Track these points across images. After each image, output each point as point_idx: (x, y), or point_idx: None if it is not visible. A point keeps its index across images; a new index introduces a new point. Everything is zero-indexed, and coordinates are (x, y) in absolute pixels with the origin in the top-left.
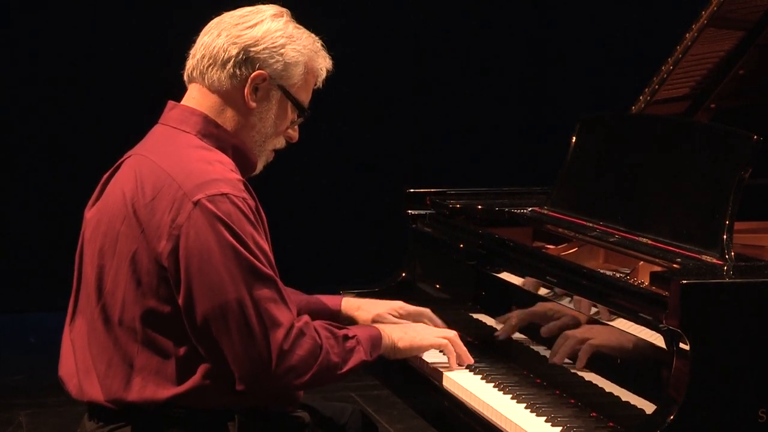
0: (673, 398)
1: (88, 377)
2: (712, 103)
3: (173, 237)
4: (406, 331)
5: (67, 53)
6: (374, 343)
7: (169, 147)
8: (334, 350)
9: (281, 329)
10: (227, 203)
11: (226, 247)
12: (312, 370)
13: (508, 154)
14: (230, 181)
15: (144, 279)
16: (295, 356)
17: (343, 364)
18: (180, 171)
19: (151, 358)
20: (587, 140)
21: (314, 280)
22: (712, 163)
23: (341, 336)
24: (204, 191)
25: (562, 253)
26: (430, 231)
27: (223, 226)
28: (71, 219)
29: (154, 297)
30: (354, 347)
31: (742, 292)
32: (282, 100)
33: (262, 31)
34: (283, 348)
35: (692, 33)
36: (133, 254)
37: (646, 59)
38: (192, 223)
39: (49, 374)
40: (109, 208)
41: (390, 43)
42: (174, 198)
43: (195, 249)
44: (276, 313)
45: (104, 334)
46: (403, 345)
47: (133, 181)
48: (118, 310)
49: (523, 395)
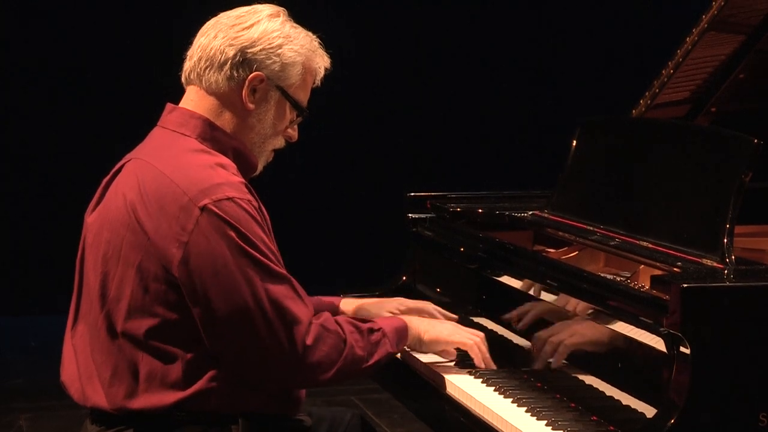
0: (673, 402)
1: (91, 383)
2: (713, 106)
3: (182, 244)
4: (433, 325)
5: (67, 58)
6: (400, 334)
7: (170, 151)
8: (359, 344)
9: (302, 325)
10: (234, 207)
11: (237, 250)
12: (337, 364)
13: (509, 157)
14: (234, 184)
15: (152, 286)
16: (319, 351)
17: (369, 357)
18: (183, 177)
19: (156, 366)
20: (588, 144)
21: (314, 283)
22: (713, 167)
23: (366, 329)
24: (209, 196)
25: (563, 257)
26: (430, 235)
27: (233, 230)
28: (72, 222)
29: (162, 304)
30: (380, 339)
31: (742, 296)
32: (280, 101)
33: (258, 31)
34: (306, 343)
35: (693, 37)
36: (140, 262)
37: (647, 63)
38: (200, 229)
39: (50, 378)
40: (112, 214)
41: (390, 46)
42: (179, 205)
43: (207, 256)
44: (295, 310)
45: (108, 342)
46: (429, 338)
47: (136, 188)
48: (122, 317)
49: (524, 399)
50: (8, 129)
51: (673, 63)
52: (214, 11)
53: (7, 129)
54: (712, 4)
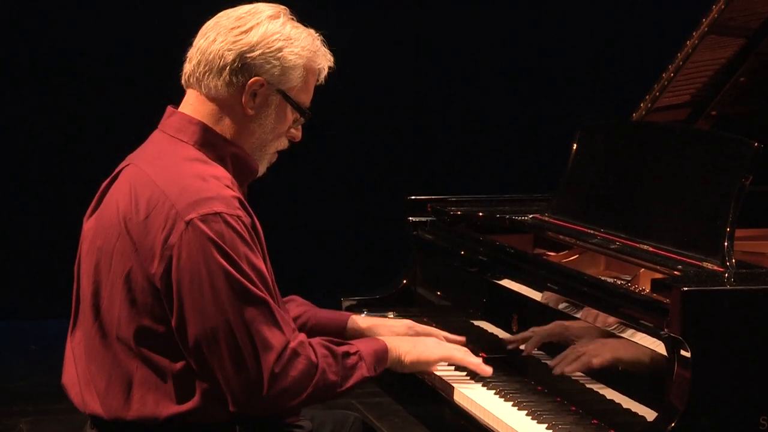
0: (674, 405)
1: (89, 391)
2: (713, 110)
3: (165, 257)
4: (414, 345)
5: (67, 60)
6: (379, 357)
7: (166, 159)
8: (331, 369)
9: (272, 352)
10: (220, 223)
11: (216, 269)
12: (307, 390)
13: (509, 161)
14: (224, 198)
15: (139, 298)
16: (288, 378)
17: (343, 381)
18: (174, 188)
19: (149, 375)
20: (588, 147)
21: (315, 287)
22: (713, 171)
23: (341, 353)
24: (197, 210)
25: (563, 261)
26: (431, 238)
27: (215, 248)
28: (72, 224)
29: (149, 316)
30: (355, 363)
31: (743, 300)
32: (281, 104)
33: (258, 35)
34: (274, 371)
35: (693, 40)
36: (128, 273)
37: (648, 66)
38: (184, 243)
39: (50, 381)
40: (105, 222)
41: (390, 51)
42: (167, 217)
43: (186, 271)
44: (268, 336)
45: (102, 352)
46: (410, 359)
47: (128, 196)
48: (114, 327)
49: (524, 402)
50: (8, 133)
51: (674, 66)
52: (219, 8)
53: (7, 133)
54: (713, 7)
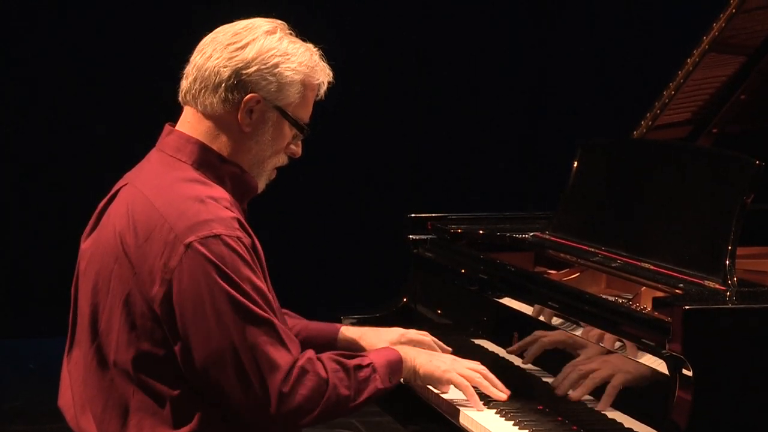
0: (676, 424)
1: (84, 415)
2: (714, 128)
3: (165, 282)
4: (430, 358)
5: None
6: (393, 368)
7: (164, 180)
8: (343, 383)
9: (279, 372)
10: (220, 245)
11: (218, 292)
12: (319, 406)
13: (510, 179)
14: (223, 220)
15: (138, 322)
16: (298, 396)
17: (356, 395)
18: (173, 211)
19: (146, 400)
20: (589, 165)
21: (315, 305)
22: (714, 189)
23: (353, 366)
24: (196, 233)
25: (564, 279)
26: (431, 256)
27: (216, 271)
28: (71, 243)
29: (148, 340)
30: (368, 376)
31: (744, 318)
32: (279, 120)
33: (254, 51)
34: (282, 391)
35: (693, 58)
36: (127, 296)
37: (648, 84)
38: (184, 267)
39: (48, 400)
40: (102, 243)
41: (390, 66)
42: (166, 241)
43: (188, 295)
44: (274, 356)
45: (100, 376)
46: (425, 372)
47: (126, 219)
48: (113, 351)
49: (525, 422)
50: (5, 151)
51: (675, 84)
52: (218, 23)
53: (4, 151)
54: (713, 25)
